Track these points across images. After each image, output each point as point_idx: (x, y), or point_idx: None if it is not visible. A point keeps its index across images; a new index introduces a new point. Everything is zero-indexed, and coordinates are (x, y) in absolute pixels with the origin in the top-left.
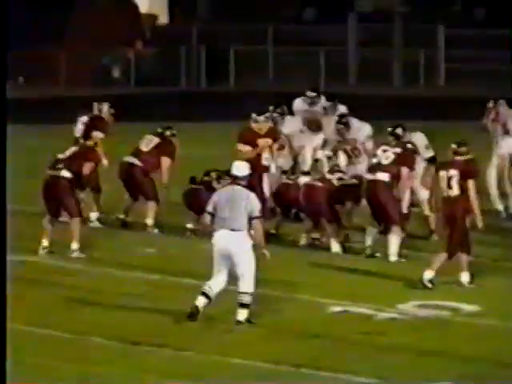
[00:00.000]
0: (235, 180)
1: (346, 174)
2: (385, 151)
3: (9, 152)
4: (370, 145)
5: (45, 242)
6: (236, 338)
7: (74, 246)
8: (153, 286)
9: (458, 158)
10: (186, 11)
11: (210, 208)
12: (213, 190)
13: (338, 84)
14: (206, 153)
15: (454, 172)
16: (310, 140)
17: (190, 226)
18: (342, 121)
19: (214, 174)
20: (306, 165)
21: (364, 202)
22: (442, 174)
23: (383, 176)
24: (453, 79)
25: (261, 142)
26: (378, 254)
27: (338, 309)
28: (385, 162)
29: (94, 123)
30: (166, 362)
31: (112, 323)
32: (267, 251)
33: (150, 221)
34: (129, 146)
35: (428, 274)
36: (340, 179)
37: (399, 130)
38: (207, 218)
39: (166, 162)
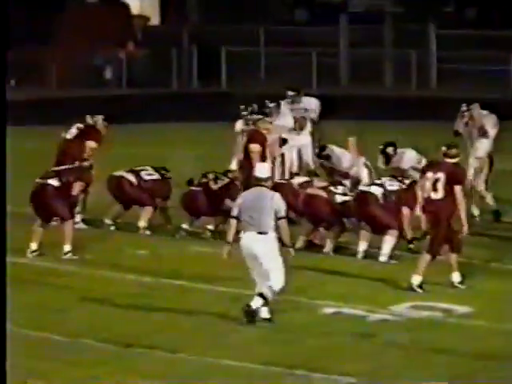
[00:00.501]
0: (258, 182)
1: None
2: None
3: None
4: (353, 171)
5: (33, 246)
6: (229, 340)
7: (67, 247)
8: (145, 287)
9: (448, 160)
10: (178, 12)
11: (235, 212)
12: (210, 191)
13: (329, 85)
14: (198, 153)
15: (440, 174)
16: (294, 141)
17: (185, 226)
18: (323, 154)
19: (211, 175)
20: (294, 165)
21: None
22: (429, 175)
23: (375, 189)
24: (445, 80)
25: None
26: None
27: (331, 310)
28: (390, 188)
29: (88, 132)
30: (158, 364)
31: (105, 325)
32: (293, 250)
33: (142, 223)
34: (121, 147)
35: (416, 279)
36: (343, 194)
37: (390, 149)
38: (233, 223)
39: None
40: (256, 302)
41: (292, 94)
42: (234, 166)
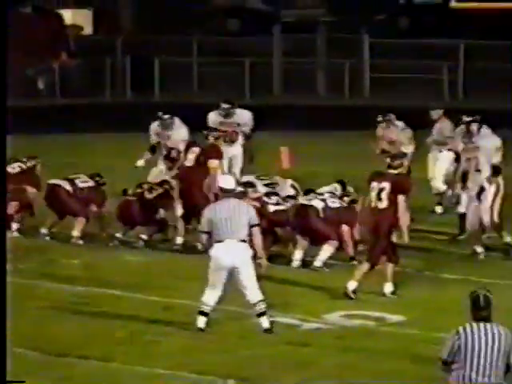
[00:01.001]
0: (226, 193)
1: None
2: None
3: None
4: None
5: None
6: (160, 349)
7: None
8: (78, 297)
9: (391, 171)
10: (111, 22)
11: (205, 227)
12: (145, 200)
13: (263, 94)
14: (133, 163)
15: (385, 184)
16: (225, 152)
17: (118, 235)
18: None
19: (145, 186)
20: None
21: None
22: (374, 185)
23: (317, 203)
24: (378, 89)
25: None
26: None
27: None
28: (331, 204)
29: (28, 177)
30: (91, 373)
31: (37, 334)
32: (265, 260)
33: (75, 233)
34: (56, 157)
35: (351, 285)
36: (277, 204)
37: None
38: (204, 237)
39: None
40: (201, 322)
41: (226, 106)
42: (151, 177)
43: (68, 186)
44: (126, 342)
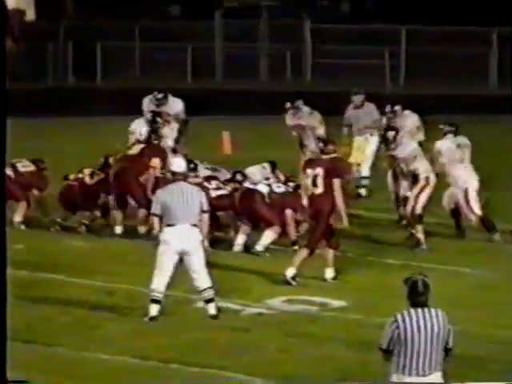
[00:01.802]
0: (175, 176)
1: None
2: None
3: None
4: None
5: None
6: (104, 335)
7: None
8: (22, 282)
9: (324, 156)
10: (53, 7)
11: (157, 210)
12: (86, 186)
13: (205, 80)
14: (72, 148)
15: (319, 170)
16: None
17: (59, 220)
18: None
19: (86, 171)
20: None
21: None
22: (308, 171)
23: (262, 188)
24: (319, 74)
25: None
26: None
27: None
28: (277, 189)
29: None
30: (36, 358)
31: None
32: (207, 244)
33: (17, 217)
34: None
35: (290, 271)
36: (217, 189)
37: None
38: (155, 220)
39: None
40: (154, 310)
41: (160, 96)
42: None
43: (9, 171)
44: (68, 327)
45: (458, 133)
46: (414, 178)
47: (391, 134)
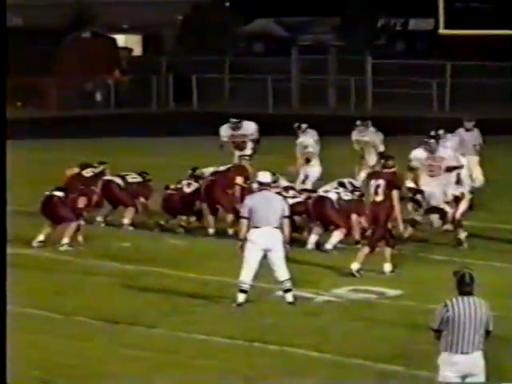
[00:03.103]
0: (262, 186)
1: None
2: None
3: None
4: None
5: (40, 238)
6: (198, 318)
7: (65, 240)
8: (129, 274)
9: (385, 170)
10: (157, 45)
11: (245, 213)
12: (184, 194)
13: (282, 106)
14: (170, 162)
15: (380, 181)
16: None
17: (161, 222)
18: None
19: (184, 182)
20: None
21: None
22: (371, 182)
23: (332, 195)
24: (379, 101)
25: None
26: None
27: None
28: (344, 197)
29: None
30: (139, 338)
31: (95, 305)
32: (289, 247)
33: (126, 220)
34: (110, 158)
35: (355, 265)
36: (294, 197)
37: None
38: (244, 222)
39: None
40: (241, 298)
41: (235, 120)
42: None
43: (120, 181)
44: (169, 312)
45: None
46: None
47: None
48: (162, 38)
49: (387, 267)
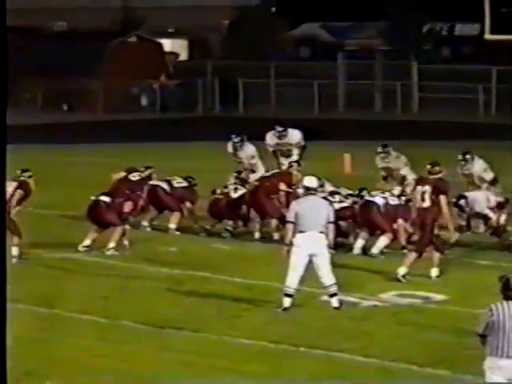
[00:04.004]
0: (308, 190)
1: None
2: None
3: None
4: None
5: (86, 242)
6: (244, 323)
7: (111, 244)
8: (174, 278)
9: (431, 176)
10: (203, 50)
11: (291, 218)
12: (230, 199)
13: (329, 111)
14: (220, 167)
15: (427, 187)
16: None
17: (207, 227)
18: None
19: (231, 186)
20: None
21: None
22: (418, 188)
23: (379, 200)
24: (425, 106)
25: None
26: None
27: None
28: (391, 202)
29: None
30: (185, 342)
31: (141, 310)
32: (333, 251)
33: (172, 225)
34: (155, 162)
35: (402, 270)
36: (340, 202)
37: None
38: (290, 227)
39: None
40: (286, 303)
41: (280, 129)
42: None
43: (165, 186)
44: (214, 316)
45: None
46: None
47: None
48: (208, 43)
49: (434, 272)
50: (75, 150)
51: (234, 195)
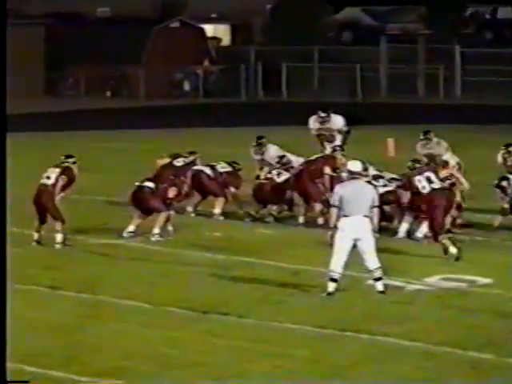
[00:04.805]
0: (352, 175)
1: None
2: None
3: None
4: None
5: (131, 228)
6: (289, 308)
7: (156, 230)
8: (218, 263)
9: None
10: (245, 35)
11: (335, 202)
12: (274, 184)
13: (371, 95)
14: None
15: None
16: (327, 149)
17: (252, 212)
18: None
19: (274, 171)
20: None
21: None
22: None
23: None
24: (467, 89)
25: None
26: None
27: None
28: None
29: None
30: (230, 328)
31: (185, 295)
32: (378, 235)
33: (217, 210)
34: (199, 147)
35: (453, 250)
36: (384, 186)
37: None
38: (334, 211)
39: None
40: (331, 287)
41: (323, 115)
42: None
43: (209, 171)
44: (259, 302)
45: None
46: None
47: None
48: (250, 28)
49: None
50: (119, 136)
51: (278, 180)
